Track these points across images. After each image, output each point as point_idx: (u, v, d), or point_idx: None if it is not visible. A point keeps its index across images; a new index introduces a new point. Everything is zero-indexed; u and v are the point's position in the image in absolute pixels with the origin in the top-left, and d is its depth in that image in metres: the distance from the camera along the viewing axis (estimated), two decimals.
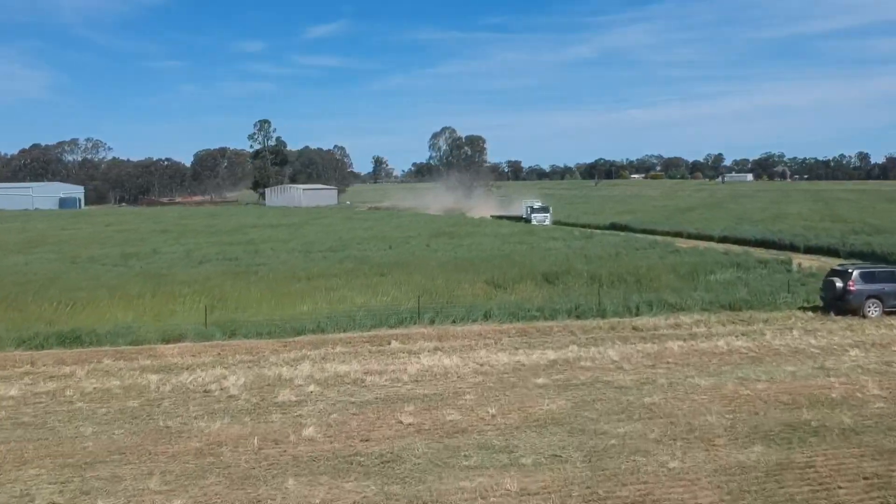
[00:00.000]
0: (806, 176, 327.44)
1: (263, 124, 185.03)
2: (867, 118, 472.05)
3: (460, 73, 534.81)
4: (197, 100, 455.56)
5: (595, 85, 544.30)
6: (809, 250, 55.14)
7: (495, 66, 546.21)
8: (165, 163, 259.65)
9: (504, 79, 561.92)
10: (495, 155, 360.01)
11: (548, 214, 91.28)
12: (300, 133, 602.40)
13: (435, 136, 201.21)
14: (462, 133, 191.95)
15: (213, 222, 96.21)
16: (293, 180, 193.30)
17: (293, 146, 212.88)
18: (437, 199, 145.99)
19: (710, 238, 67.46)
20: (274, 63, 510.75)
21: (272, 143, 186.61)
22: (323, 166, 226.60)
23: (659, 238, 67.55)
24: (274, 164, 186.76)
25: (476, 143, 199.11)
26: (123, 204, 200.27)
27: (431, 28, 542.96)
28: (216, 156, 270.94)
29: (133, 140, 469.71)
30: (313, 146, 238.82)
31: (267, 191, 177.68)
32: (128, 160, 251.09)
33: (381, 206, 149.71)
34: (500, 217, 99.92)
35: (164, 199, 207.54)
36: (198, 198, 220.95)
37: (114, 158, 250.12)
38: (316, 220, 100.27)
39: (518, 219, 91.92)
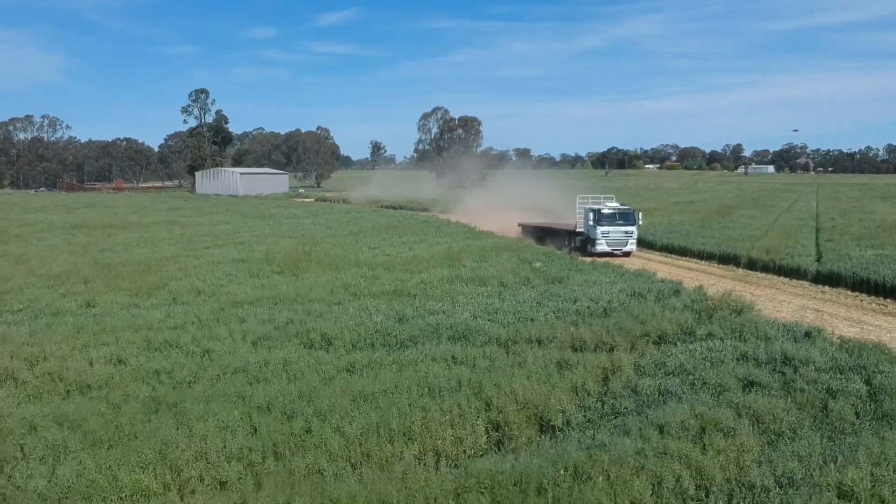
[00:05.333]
0: (830, 168, 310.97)
1: (199, 94, 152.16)
2: (892, 111, 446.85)
3: (470, 61, 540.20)
4: (208, 85, 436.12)
5: (606, 75, 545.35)
6: None
7: (505, 56, 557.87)
8: (123, 143, 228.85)
9: (514, 68, 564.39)
10: (503, 143, 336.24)
11: (633, 231, 43.60)
12: (306, 118, 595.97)
13: (425, 116, 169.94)
14: (456, 114, 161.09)
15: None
16: (237, 163, 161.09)
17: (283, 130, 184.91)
18: (412, 188, 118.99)
19: (798, 273, 34.70)
20: (285, 50, 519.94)
21: (211, 118, 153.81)
22: (304, 150, 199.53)
23: (701, 268, 35.11)
24: (213, 144, 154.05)
25: (470, 124, 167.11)
26: (42, 189, 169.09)
27: (442, 16, 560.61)
28: (184, 137, 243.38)
29: (144, 125, 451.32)
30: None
31: (197, 175, 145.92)
32: (89, 140, 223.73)
33: (335, 197, 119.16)
34: (539, 230, 50.37)
35: (100, 185, 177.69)
36: (147, 184, 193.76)
37: (70, 138, 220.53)
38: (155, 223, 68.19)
39: (570, 237, 46.12)
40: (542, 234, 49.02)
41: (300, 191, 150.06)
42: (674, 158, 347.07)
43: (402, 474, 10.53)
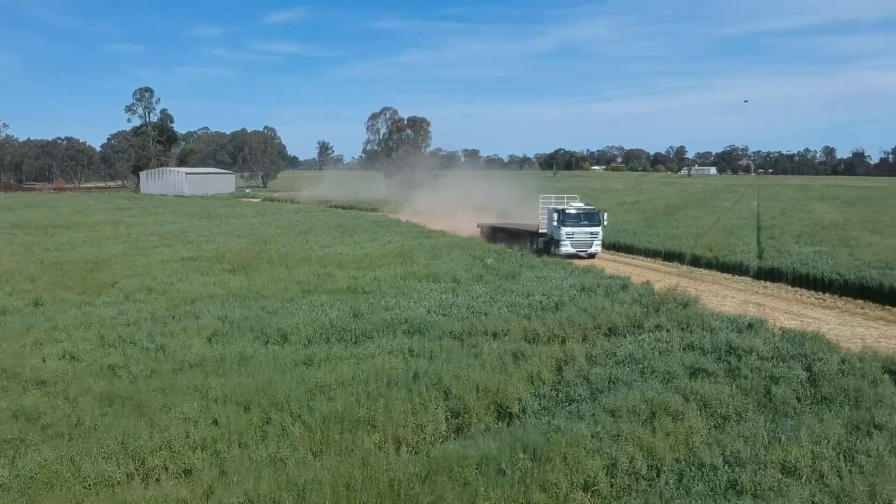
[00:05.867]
0: (770, 170, 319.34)
1: (144, 93, 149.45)
2: (829, 114, 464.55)
3: (420, 62, 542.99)
4: (152, 83, 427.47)
5: (556, 77, 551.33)
6: None
7: (456, 57, 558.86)
8: (64, 142, 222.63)
9: (465, 69, 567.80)
10: (452, 143, 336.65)
11: (598, 232, 42.23)
12: (253, 118, 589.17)
13: (373, 116, 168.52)
14: (405, 114, 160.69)
15: None
16: (182, 163, 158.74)
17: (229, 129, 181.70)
18: (361, 188, 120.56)
19: (740, 269, 35.78)
20: (232, 48, 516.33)
21: (156, 117, 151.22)
22: (250, 150, 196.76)
23: (647, 265, 35.95)
24: (158, 143, 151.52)
25: (419, 125, 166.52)
26: None
27: (392, 17, 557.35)
28: (128, 137, 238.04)
29: (86, 124, 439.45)
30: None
31: (142, 174, 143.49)
32: (28, 139, 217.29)
33: (282, 197, 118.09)
34: (499, 230, 48.86)
35: (39, 185, 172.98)
36: (89, 184, 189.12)
37: (7, 137, 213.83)
38: None
39: (532, 238, 44.39)
40: (503, 234, 47.33)
41: (247, 191, 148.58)
42: (619, 160, 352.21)
43: (363, 460, 10.77)
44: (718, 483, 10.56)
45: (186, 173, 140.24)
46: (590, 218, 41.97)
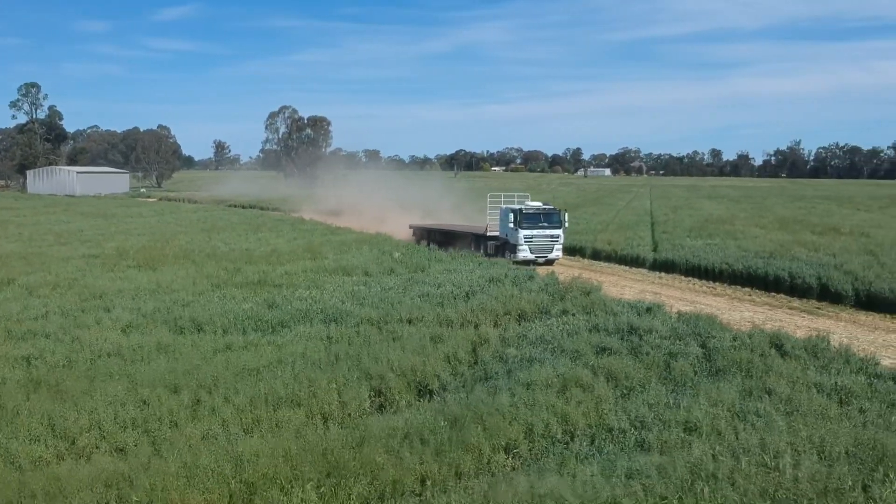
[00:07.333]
0: (661, 171, 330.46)
1: (30, 89, 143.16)
2: (715, 118, 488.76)
3: (317, 62, 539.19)
4: (37, 79, 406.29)
5: (452, 79, 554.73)
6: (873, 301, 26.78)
7: (354, 57, 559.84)
8: None
9: (363, 69, 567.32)
10: (353, 143, 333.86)
11: (559, 235, 37.36)
12: (145, 116, 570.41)
13: (272, 115, 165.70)
14: (304, 113, 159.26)
15: None
16: (73, 161, 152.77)
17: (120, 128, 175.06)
18: (260, 187, 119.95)
19: (637, 261, 37.59)
20: (120, 45, 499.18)
21: (43, 114, 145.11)
22: (143, 149, 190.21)
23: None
24: (46, 141, 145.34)
25: (319, 124, 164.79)
26: None
27: (287, 15, 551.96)
28: (13, 134, 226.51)
29: None
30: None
31: (29, 174, 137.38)
32: None
33: (179, 197, 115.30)
34: (436, 233, 43.82)
35: None
36: None
37: None
38: None
39: (479, 241, 39.08)
40: (440, 237, 42.54)
41: (142, 190, 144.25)
42: (518, 161, 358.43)
43: (297, 432, 11.16)
44: (627, 443, 11.47)
45: (78, 172, 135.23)
46: (549, 219, 37.43)
